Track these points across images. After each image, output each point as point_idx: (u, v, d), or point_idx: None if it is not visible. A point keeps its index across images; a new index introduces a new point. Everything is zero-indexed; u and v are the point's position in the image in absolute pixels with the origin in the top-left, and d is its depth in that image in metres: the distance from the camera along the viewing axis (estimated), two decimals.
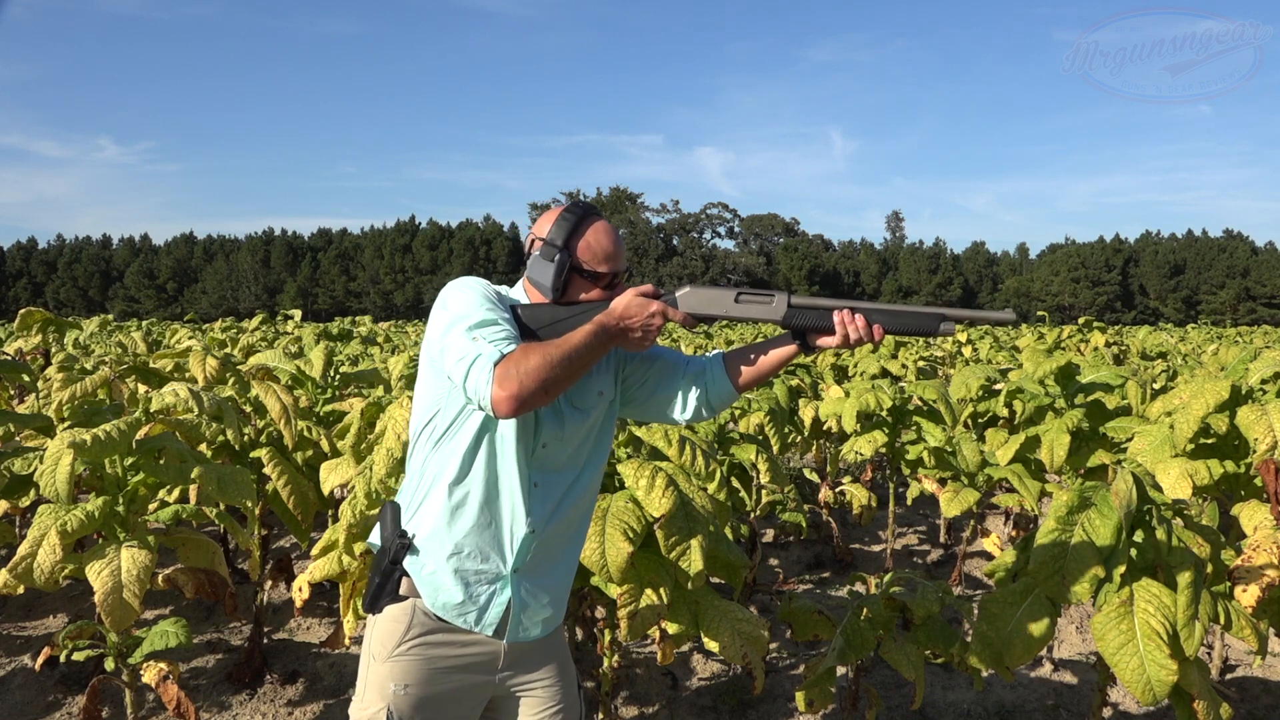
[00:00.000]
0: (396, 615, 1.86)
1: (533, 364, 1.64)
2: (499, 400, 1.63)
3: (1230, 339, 19.64)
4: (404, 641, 1.86)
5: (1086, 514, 2.41)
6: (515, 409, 1.64)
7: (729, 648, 2.62)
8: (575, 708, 2.06)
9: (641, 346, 1.82)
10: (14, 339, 6.52)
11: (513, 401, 1.63)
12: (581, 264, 1.85)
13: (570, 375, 1.69)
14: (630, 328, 1.78)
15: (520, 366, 1.63)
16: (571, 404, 1.89)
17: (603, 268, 1.86)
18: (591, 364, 1.75)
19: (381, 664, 1.87)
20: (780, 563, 5.80)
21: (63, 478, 2.67)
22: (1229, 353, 9.27)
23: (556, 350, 1.67)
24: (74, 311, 75.76)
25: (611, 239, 1.88)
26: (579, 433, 1.90)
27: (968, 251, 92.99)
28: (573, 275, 1.86)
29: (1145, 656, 2.25)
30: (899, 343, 10.18)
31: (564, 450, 1.89)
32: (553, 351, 1.66)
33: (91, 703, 2.91)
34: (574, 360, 1.69)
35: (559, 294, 1.86)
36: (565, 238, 1.84)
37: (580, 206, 1.89)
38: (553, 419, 1.86)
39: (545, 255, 1.85)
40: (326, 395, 4.62)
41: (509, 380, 1.62)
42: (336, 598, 4.45)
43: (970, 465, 4.76)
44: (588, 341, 1.72)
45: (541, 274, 1.85)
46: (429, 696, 1.87)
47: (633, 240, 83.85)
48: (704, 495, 2.68)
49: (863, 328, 1.80)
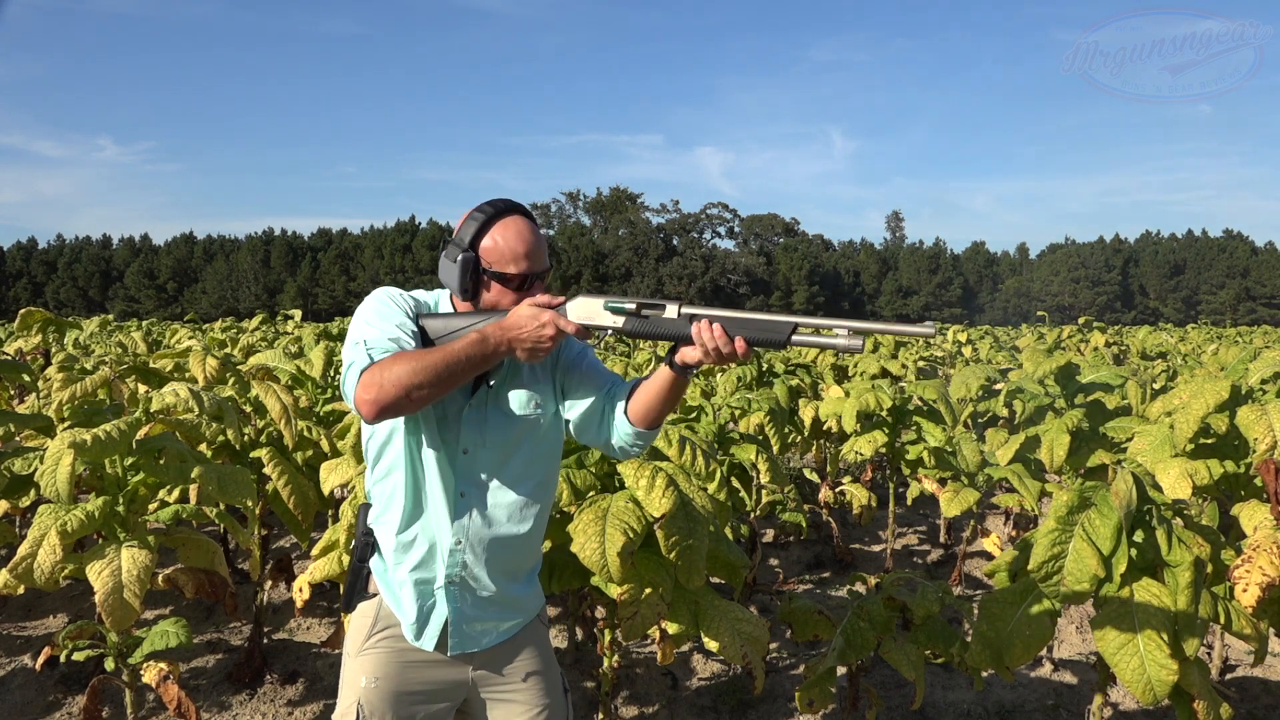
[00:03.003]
0: (365, 611, 1.89)
1: (398, 371, 1.62)
2: (360, 403, 1.63)
3: (1230, 339, 19.63)
4: (372, 635, 1.88)
5: (1086, 514, 2.41)
6: (376, 413, 1.63)
7: (729, 648, 2.62)
8: (560, 709, 2.01)
9: (534, 359, 1.73)
10: (14, 339, 6.52)
11: (373, 405, 1.62)
12: (488, 265, 1.78)
13: (441, 383, 1.64)
14: (518, 339, 1.69)
15: (385, 373, 1.62)
16: (499, 409, 1.84)
17: (510, 269, 1.78)
18: (471, 374, 1.69)
19: (353, 659, 1.90)
20: (780, 563, 5.80)
21: (63, 478, 2.67)
22: (1229, 353, 9.27)
23: (429, 358, 1.63)
24: (74, 311, 75.77)
25: (522, 238, 1.79)
26: (507, 441, 1.84)
27: (968, 251, 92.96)
28: (482, 277, 1.80)
29: (1145, 656, 2.25)
30: (899, 342, 10.16)
31: (490, 457, 1.83)
32: (425, 359, 1.63)
33: (92, 703, 2.90)
34: (448, 369, 1.63)
35: (469, 296, 1.81)
36: (472, 237, 1.78)
37: (496, 204, 1.81)
38: (473, 425, 1.82)
39: (449, 255, 1.80)
40: (326, 395, 4.63)
41: (371, 385, 1.62)
42: (336, 598, 4.45)
43: (970, 465, 4.76)
44: (467, 352, 1.65)
45: (448, 275, 1.81)
46: (398, 691, 1.87)
47: (633, 240, 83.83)
48: (704, 495, 2.68)
49: (720, 338, 1.63)
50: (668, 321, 1.70)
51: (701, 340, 1.64)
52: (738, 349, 1.64)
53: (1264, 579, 2.41)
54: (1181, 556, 2.35)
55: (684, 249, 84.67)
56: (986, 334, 18.91)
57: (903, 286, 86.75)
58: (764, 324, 1.64)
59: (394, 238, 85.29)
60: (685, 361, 1.70)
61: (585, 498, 2.67)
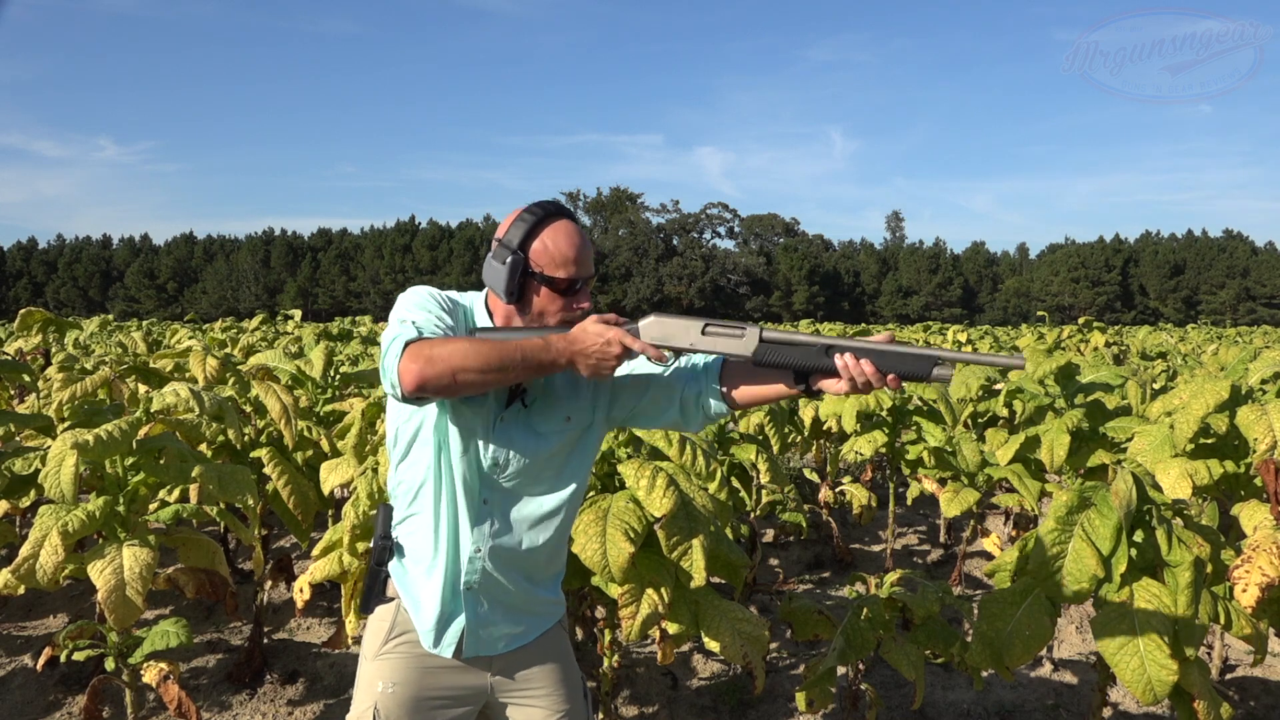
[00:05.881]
0: (383, 615, 1.87)
1: (450, 348, 1.55)
2: (404, 373, 1.54)
3: (1230, 339, 19.62)
4: (389, 639, 1.86)
5: (1086, 514, 2.41)
6: (416, 386, 1.54)
7: (729, 648, 2.62)
8: (580, 714, 2.00)
9: (598, 376, 1.68)
10: (14, 339, 6.52)
11: (416, 377, 1.54)
12: (537, 268, 1.74)
13: (489, 376, 1.57)
14: (583, 353, 1.65)
15: (435, 348, 1.55)
16: (530, 426, 1.80)
17: (560, 273, 1.74)
18: (523, 377, 1.63)
19: (370, 663, 1.88)
20: (780, 563, 5.80)
21: (67, 478, 2.68)
22: (1229, 353, 9.26)
23: (485, 346, 1.57)
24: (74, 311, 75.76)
25: (572, 242, 1.75)
26: (537, 455, 1.81)
27: (968, 251, 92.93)
28: (528, 280, 1.75)
29: (1145, 656, 2.25)
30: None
31: (517, 466, 1.80)
32: (480, 346, 1.57)
33: (92, 703, 2.91)
34: (502, 363, 1.57)
35: (514, 298, 1.76)
36: (521, 239, 1.73)
37: (544, 206, 1.78)
38: (502, 434, 1.78)
39: (498, 257, 1.75)
40: (327, 395, 4.63)
41: (419, 357, 1.55)
42: (337, 598, 4.45)
43: (970, 465, 4.77)
44: (525, 351, 1.60)
45: (494, 277, 1.76)
46: (415, 697, 1.85)
47: (633, 240, 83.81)
48: (704, 495, 2.68)
49: (872, 374, 1.61)
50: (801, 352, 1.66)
51: (850, 375, 1.62)
52: (890, 384, 1.62)
53: (1264, 579, 2.41)
54: (1181, 556, 2.35)
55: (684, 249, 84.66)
56: (986, 334, 18.90)
57: (903, 286, 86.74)
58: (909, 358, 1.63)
59: (394, 238, 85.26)
60: (826, 390, 1.69)
61: (586, 498, 2.67)
